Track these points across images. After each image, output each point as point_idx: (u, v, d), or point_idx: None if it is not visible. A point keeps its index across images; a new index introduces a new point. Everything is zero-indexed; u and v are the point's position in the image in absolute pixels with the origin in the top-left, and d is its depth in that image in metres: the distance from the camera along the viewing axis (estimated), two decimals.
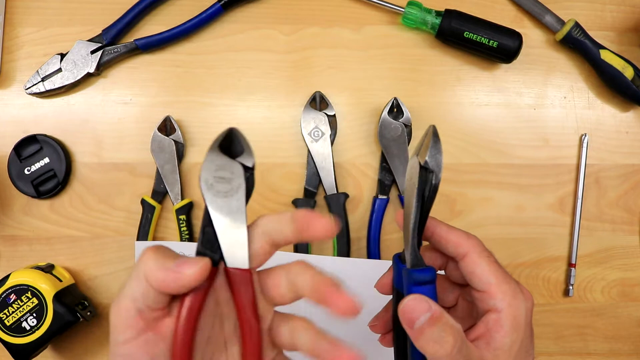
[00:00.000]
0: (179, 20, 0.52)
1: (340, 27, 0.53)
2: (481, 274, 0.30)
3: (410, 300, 0.28)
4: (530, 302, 0.31)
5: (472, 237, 0.32)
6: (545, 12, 0.53)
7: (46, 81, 0.51)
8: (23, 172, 0.51)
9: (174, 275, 0.25)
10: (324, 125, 0.52)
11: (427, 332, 0.27)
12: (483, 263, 0.30)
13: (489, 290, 0.30)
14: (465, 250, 0.31)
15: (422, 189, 0.29)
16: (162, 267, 0.26)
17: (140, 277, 0.26)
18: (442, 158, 0.29)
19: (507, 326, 0.29)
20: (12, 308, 0.47)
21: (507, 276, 0.31)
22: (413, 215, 0.29)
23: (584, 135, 0.54)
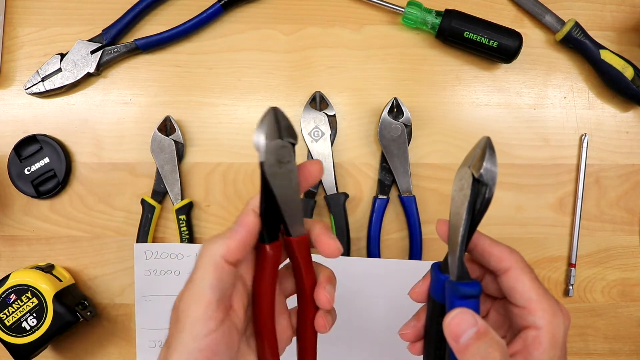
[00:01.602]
0: (179, 20, 0.52)
1: (340, 27, 0.53)
2: (523, 290, 0.30)
3: (457, 314, 0.28)
4: (568, 321, 0.31)
5: (514, 252, 0.31)
6: (545, 12, 0.53)
7: (46, 81, 0.51)
8: (23, 172, 0.51)
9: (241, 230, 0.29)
10: (324, 125, 0.51)
11: (474, 347, 0.27)
12: (525, 279, 0.30)
13: (529, 307, 0.30)
14: (508, 265, 0.31)
15: (473, 202, 0.29)
16: (227, 237, 0.29)
17: (210, 263, 0.28)
18: (497, 171, 0.28)
19: (546, 343, 0.29)
20: (12, 308, 0.47)
21: (548, 294, 0.30)
22: (462, 227, 0.29)
23: (584, 135, 0.54)
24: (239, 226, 0.29)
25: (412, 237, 0.52)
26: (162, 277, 0.50)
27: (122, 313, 0.52)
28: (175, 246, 0.50)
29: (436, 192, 0.53)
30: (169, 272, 0.50)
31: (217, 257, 0.28)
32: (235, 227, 0.29)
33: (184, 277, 0.50)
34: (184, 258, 0.50)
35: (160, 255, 0.50)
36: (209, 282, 0.28)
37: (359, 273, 0.49)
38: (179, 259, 0.50)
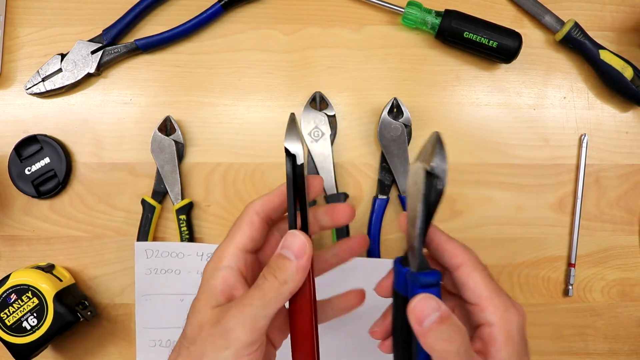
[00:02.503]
0: (179, 20, 0.52)
1: (340, 27, 0.53)
2: (474, 286, 0.30)
3: (420, 299, 0.28)
4: (522, 317, 0.31)
5: (468, 250, 0.32)
6: (545, 12, 0.53)
7: (46, 81, 0.51)
8: (23, 172, 0.51)
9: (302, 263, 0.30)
10: (324, 125, 0.52)
11: (437, 330, 0.28)
12: (476, 276, 0.31)
13: (480, 304, 0.30)
14: (460, 261, 0.31)
15: (427, 195, 0.29)
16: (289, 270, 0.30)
17: (271, 298, 0.29)
18: (447, 165, 0.29)
19: (502, 340, 0.29)
20: (13, 308, 0.47)
21: (499, 290, 0.31)
22: (419, 220, 0.30)
23: (583, 135, 0.54)
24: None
25: None
26: (162, 276, 0.50)
27: (122, 313, 0.52)
28: (176, 245, 0.50)
29: None
30: (170, 271, 0.50)
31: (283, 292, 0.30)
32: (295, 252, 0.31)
33: (184, 276, 0.50)
34: (184, 257, 0.50)
35: (161, 254, 0.50)
36: (265, 312, 0.29)
37: (358, 273, 0.49)
38: (180, 258, 0.50)
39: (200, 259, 0.50)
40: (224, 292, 0.30)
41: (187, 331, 0.30)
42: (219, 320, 0.28)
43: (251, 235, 0.32)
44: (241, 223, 0.32)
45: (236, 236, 0.31)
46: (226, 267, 0.30)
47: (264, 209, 0.32)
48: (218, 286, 0.30)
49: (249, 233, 0.31)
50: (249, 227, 0.32)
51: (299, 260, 0.30)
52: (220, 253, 0.31)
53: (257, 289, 0.29)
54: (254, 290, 0.29)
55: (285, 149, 0.31)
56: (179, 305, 0.50)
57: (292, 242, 0.30)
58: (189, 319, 0.30)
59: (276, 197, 0.33)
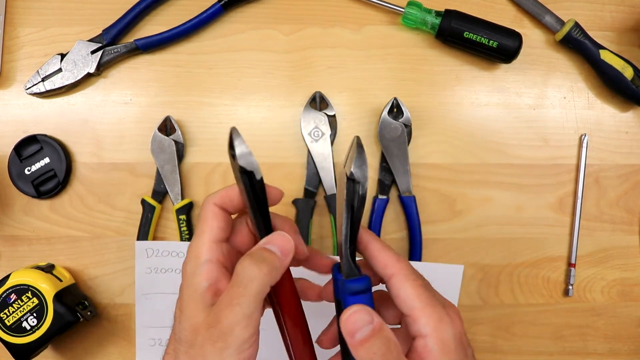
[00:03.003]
0: (179, 20, 0.52)
1: (340, 27, 0.53)
2: (405, 297, 0.30)
3: (353, 312, 0.28)
4: (459, 326, 0.30)
5: (401, 260, 0.31)
6: (545, 12, 0.53)
7: (46, 81, 0.51)
8: (23, 172, 0.51)
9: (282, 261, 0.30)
10: (324, 125, 0.52)
11: (368, 344, 0.28)
12: (408, 287, 0.30)
13: (412, 315, 0.29)
14: (391, 272, 0.31)
15: (350, 200, 0.29)
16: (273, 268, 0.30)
17: (257, 291, 0.28)
18: (367, 168, 0.29)
19: (437, 350, 0.29)
20: (13, 308, 0.47)
21: (433, 300, 0.30)
22: (344, 226, 0.30)
23: (583, 135, 0.54)
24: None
25: (412, 237, 0.52)
26: (162, 275, 0.50)
27: (122, 313, 0.52)
28: (176, 244, 0.50)
29: (436, 192, 0.53)
30: (170, 270, 0.50)
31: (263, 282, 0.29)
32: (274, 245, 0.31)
33: None
34: (184, 256, 0.50)
35: (161, 253, 0.50)
36: (249, 310, 0.28)
37: None
38: (180, 257, 0.50)
39: None
40: (210, 289, 0.29)
41: (181, 336, 0.30)
42: (214, 323, 0.28)
43: (219, 226, 0.31)
44: (205, 216, 0.31)
45: (205, 230, 0.31)
46: (206, 262, 0.30)
47: (223, 201, 0.32)
48: (203, 283, 0.29)
49: (216, 224, 0.31)
50: (215, 218, 0.31)
51: (284, 257, 0.30)
52: (195, 250, 0.31)
53: (239, 285, 0.29)
54: (237, 288, 0.29)
55: (240, 167, 0.29)
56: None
57: (277, 239, 0.31)
58: (181, 323, 0.30)
59: (234, 192, 0.32)
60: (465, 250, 0.53)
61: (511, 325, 0.54)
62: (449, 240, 0.53)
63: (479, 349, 0.54)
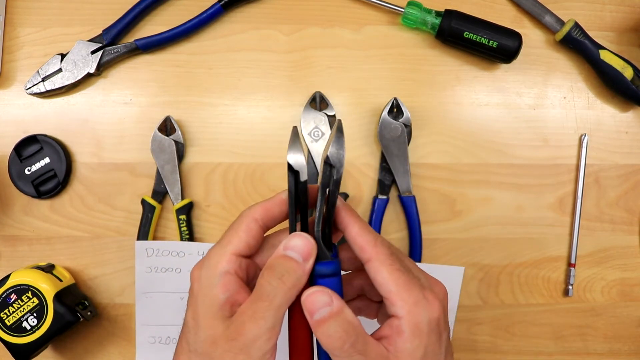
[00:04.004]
0: (179, 20, 0.52)
1: (340, 27, 0.53)
2: (382, 281, 0.30)
3: (313, 292, 0.29)
4: (437, 309, 0.30)
5: (379, 244, 0.31)
6: (545, 12, 0.53)
7: (46, 81, 0.51)
8: (23, 172, 0.51)
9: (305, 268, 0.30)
10: (324, 125, 0.52)
11: (325, 325, 0.28)
12: (384, 271, 0.30)
13: (389, 298, 0.30)
14: (369, 256, 0.31)
15: (325, 183, 0.29)
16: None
17: (281, 304, 0.29)
18: (344, 153, 0.29)
19: (408, 332, 0.29)
20: (13, 308, 0.47)
21: (410, 284, 0.30)
22: (317, 209, 0.30)
23: (583, 135, 0.54)
24: None
25: (412, 237, 0.52)
26: (163, 274, 0.50)
27: (122, 313, 0.52)
28: (176, 244, 0.50)
29: (436, 192, 0.53)
30: (170, 270, 0.50)
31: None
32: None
33: (185, 274, 0.50)
34: (185, 256, 0.50)
35: (161, 252, 0.50)
36: (272, 322, 0.28)
37: None
38: (180, 257, 0.50)
39: (201, 258, 0.50)
40: (228, 301, 0.29)
41: (197, 347, 0.29)
42: (235, 336, 0.28)
43: (247, 242, 0.31)
44: (238, 229, 0.31)
45: (232, 242, 0.30)
46: (225, 273, 0.29)
47: (263, 216, 0.32)
48: (220, 295, 0.29)
49: (245, 239, 0.31)
50: (246, 233, 0.31)
51: (305, 262, 0.30)
52: (214, 258, 0.30)
53: (262, 299, 0.28)
54: (260, 302, 0.28)
55: (288, 164, 0.29)
56: (178, 303, 0.50)
57: (297, 243, 0.30)
58: (198, 334, 0.29)
59: (276, 205, 0.32)
60: (465, 251, 0.53)
61: (511, 325, 0.54)
62: (449, 240, 0.53)
63: (479, 349, 0.54)
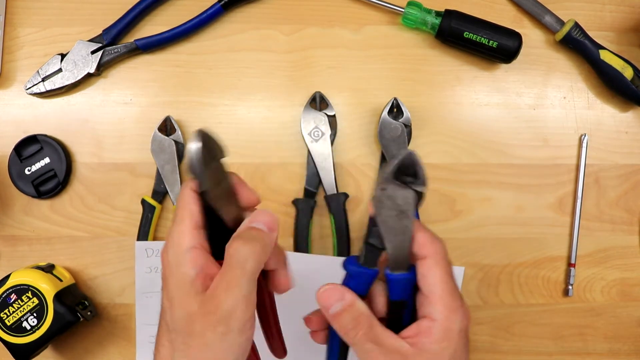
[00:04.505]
0: (179, 20, 0.52)
1: (340, 27, 0.53)
2: (432, 281, 0.31)
3: (325, 289, 0.31)
4: (467, 321, 0.32)
5: (437, 242, 0.32)
6: (545, 12, 0.53)
7: (46, 81, 0.51)
8: (23, 172, 0.51)
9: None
10: (324, 125, 0.52)
11: (339, 318, 0.31)
12: (437, 272, 0.31)
13: (431, 298, 0.31)
14: (426, 253, 0.31)
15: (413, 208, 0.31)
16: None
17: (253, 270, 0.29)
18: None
19: (437, 334, 0.30)
20: (13, 308, 0.47)
21: (454, 292, 0.31)
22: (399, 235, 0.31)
23: (583, 135, 0.54)
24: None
25: None
26: None
27: (122, 313, 0.52)
28: None
29: (436, 192, 0.53)
30: None
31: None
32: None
33: None
34: None
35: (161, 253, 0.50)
36: (253, 283, 0.29)
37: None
38: None
39: None
40: (199, 276, 0.29)
41: (175, 326, 0.29)
42: (212, 309, 0.28)
43: (199, 210, 0.30)
44: (184, 202, 0.30)
45: (185, 216, 0.30)
46: (190, 249, 0.29)
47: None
48: (190, 271, 0.29)
49: (196, 209, 0.30)
50: (195, 203, 0.30)
51: (271, 232, 0.30)
52: (176, 237, 0.30)
53: (233, 268, 0.29)
54: (231, 270, 0.28)
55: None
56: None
57: (262, 216, 0.31)
58: (174, 313, 0.29)
59: None
60: (465, 250, 0.53)
61: (511, 325, 0.54)
62: (449, 240, 0.52)
63: (479, 349, 0.54)
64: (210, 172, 0.28)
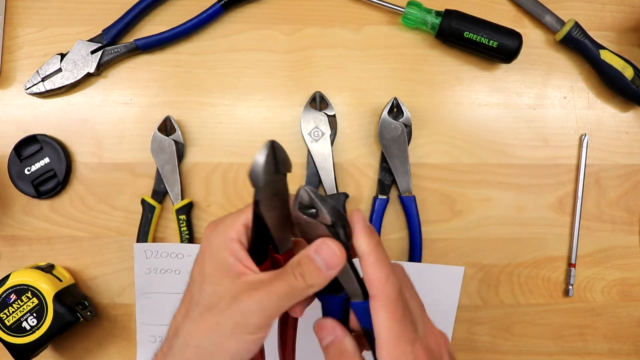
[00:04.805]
0: (179, 20, 0.52)
1: (340, 27, 0.53)
2: (376, 324, 0.30)
3: (321, 322, 0.33)
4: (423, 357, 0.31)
5: (389, 284, 0.30)
6: (545, 12, 0.53)
7: (46, 81, 0.51)
8: (23, 172, 0.51)
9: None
10: (324, 125, 0.52)
11: (328, 350, 0.32)
12: (383, 316, 0.30)
13: (378, 343, 0.30)
14: (374, 293, 0.30)
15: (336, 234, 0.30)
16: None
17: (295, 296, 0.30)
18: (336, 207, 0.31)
19: None
20: (13, 308, 0.47)
21: (403, 337, 0.30)
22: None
23: (583, 135, 0.54)
24: None
25: (412, 237, 0.52)
26: (162, 275, 0.50)
27: (122, 313, 0.52)
28: (175, 246, 0.50)
29: (436, 192, 0.53)
30: (170, 271, 0.50)
31: None
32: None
33: (184, 276, 0.50)
34: (184, 257, 0.50)
35: (160, 254, 0.50)
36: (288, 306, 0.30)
37: None
38: (180, 259, 0.50)
39: None
40: (235, 265, 0.30)
41: (200, 298, 0.30)
42: (239, 297, 0.29)
43: (253, 216, 0.31)
44: (247, 208, 0.31)
45: (241, 214, 0.31)
46: (232, 240, 0.30)
47: None
48: (229, 258, 0.30)
49: (251, 213, 0.31)
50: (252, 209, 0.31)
51: (329, 271, 0.30)
52: (226, 225, 0.31)
53: (283, 281, 0.29)
54: (280, 282, 0.29)
55: None
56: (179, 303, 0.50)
57: (327, 252, 0.29)
58: (204, 287, 0.30)
59: None
60: (465, 250, 0.53)
61: (511, 325, 0.54)
62: (449, 240, 0.53)
63: (479, 349, 0.54)
64: (268, 186, 0.29)
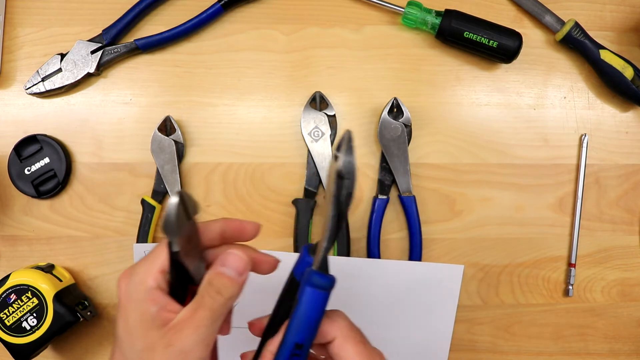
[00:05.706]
0: (179, 20, 0.52)
1: (340, 27, 0.53)
2: (347, 358, 0.31)
3: None
4: None
5: (339, 319, 0.32)
6: (545, 12, 0.53)
7: (46, 81, 0.51)
8: (23, 172, 0.51)
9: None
10: (324, 125, 0.52)
11: None
12: (349, 347, 0.31)
13: None
14: (333, 335, 0.32)
15: (337, 195, 0.30)
16: None
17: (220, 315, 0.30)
18: (355, 165, 0.29)
19: None
20: (12, 308, 0.47)
21: (370, 356, 0.31)
22: (329, 223, 0.30)
23: (583, 135, 0.54)
24: None
25: (412, 237, 0.52)
26: None
27: None
28: None
29: (436, 192, 0.53)
30: None
31: None
32: None
33: None
34: None
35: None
36: (218, 326, 0.30)
37: (358, 274, 0.49)
38: None
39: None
40: (159, 314, 0.30)
41: (134, 357, 0.30)
42: (174, 342, 0.29)
43: (169, 262, 0.31)
44: (159, 249, 0.32)
45: (156, 259, 0.31)
46: (151, 290, 0.30)
47: None
48: (152, 308, 0.30)
49: (166, 259, 0.31)
50: (167, 255, 0.31)
51: (242, 277, 0.31)
52: (142, 275, 0.31)
53: (203, 306, 0.30)
54: (201, 309, 0.30)
55: None
56: None
57: (234, 260, 0.31)
58: (134, 345, 0.30)
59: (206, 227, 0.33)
60: (465, 250, 0.53)
61: (511, 325, 0.54)
62: (449, 240, 0.53)
63: (479, 349, 0.54)
64: (183, 235, 0.29)
